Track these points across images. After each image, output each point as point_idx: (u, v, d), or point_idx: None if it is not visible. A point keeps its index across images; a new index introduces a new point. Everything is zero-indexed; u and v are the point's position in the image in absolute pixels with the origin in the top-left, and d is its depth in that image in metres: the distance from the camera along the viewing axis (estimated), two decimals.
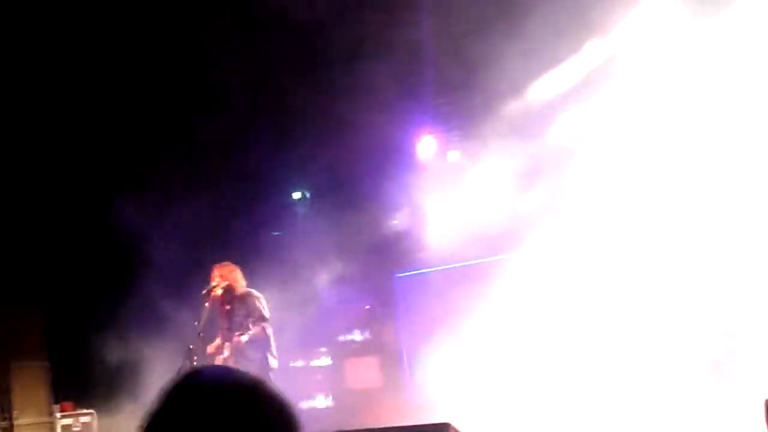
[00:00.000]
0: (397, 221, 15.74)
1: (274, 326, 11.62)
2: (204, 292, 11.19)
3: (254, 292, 11.51)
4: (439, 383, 14.50)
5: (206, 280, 11.44)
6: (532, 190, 14.00)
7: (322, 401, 15.85)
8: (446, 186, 16.41)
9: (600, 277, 13.22)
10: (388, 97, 15.07)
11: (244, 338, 11.04)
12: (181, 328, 12.17)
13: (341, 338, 15.97)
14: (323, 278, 16.13)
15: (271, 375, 11.12)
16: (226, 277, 11.40)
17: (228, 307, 11.41)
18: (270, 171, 16.30)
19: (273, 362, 11.38)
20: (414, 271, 15.27)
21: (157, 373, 13.02)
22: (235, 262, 11.72)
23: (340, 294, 16.38)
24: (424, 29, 13.92)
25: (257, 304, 11.36)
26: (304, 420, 2.48)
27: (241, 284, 11.52)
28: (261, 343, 11.27)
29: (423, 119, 16.10)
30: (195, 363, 10.90)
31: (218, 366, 2.58)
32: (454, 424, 7.90)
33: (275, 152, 15.91)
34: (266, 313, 11.37)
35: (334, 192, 16.83)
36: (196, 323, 10.99)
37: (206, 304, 11.14)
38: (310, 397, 15.85)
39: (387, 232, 15.88)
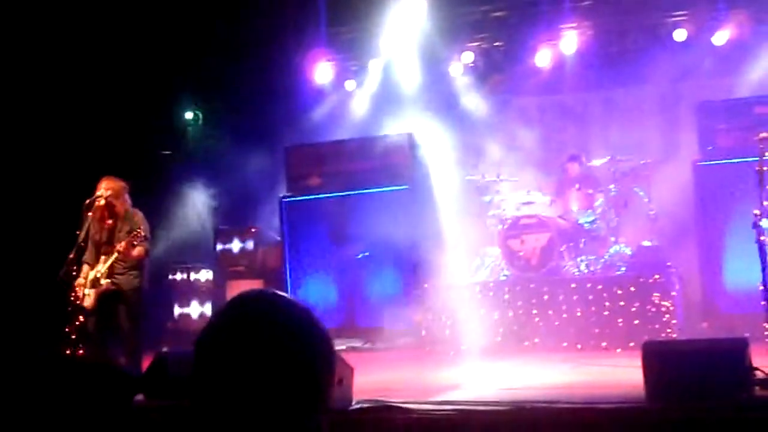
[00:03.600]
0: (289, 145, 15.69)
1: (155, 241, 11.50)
2: (87, 201, 10.91)
3: (139, 211, 11.26)
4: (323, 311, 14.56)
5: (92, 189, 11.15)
6: None
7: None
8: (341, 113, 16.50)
9: None
10: (285, 20, 15.05)
11: (135, 252, 10.81)
12: None
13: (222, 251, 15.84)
14: (206, 198, 16.14)
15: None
16: (113, 190, 11.12)
17: (111, 221, 11.12)
18: (164, 88, 16.12)
19: (145, 283, 11.18)
20: (302, 196, 15.16)
21: None
22: (121, 177, 11.44)
23: (226, 215, 16.37)
24: None
25: (141, 223, 11.11)
26: None
27: (126, 201, 11.26)
28: (140, 261, 11.06)
29: (320, 45, 16.10)
30: (74, 273, 10.73)
31: (269, 292, 2.54)
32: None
33: (170, 70, 15.75)
34: (148, 234, 11.13)
35: (228, 114, 16.70)
36: (77, 232, 10.77)
37: (89, 214, 10.89)
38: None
39: (278, 156, 15.86)
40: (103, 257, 10.90)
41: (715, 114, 13.29)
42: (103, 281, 10.79)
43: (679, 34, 14.65)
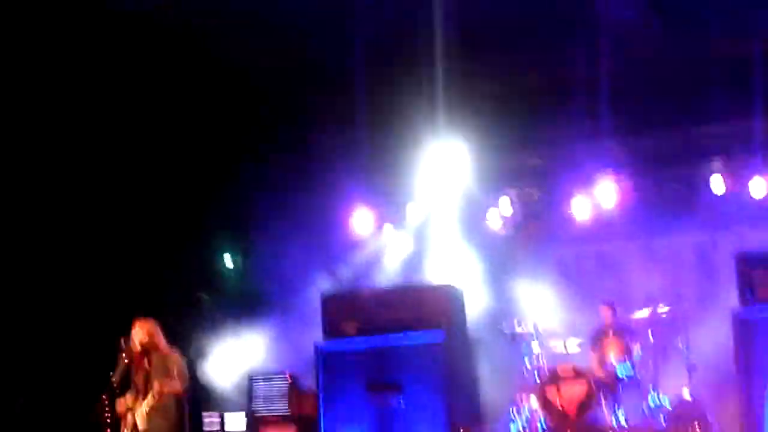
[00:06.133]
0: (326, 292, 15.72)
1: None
2: (122, 344, 10.94)
3: (175, 351, 11.28)
4: None
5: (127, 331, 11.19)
6: None
7: None
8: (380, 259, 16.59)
9: None
10: (324, 168, 15.30)
11: (167, 388, 10.79)
12: None
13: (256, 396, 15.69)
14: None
15: None
16: (148, 333, 11.15)
17: (148, 366, 11.13)
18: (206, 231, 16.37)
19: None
20: (339, 344, 15.06)
21: None
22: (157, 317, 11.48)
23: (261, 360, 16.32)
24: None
25: (176, 362, 11.12)
26: None
27: (162, 340, 11.28)
28: (177, 401, 11.04)
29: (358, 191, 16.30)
30: (107, 416, 10.73)
31: None
32: None
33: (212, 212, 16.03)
34: (184, 371, 11.13)
35: (267, 259, 16.77)
36: (111, 374, 10.79)
37: (123, 356, 10.91)
38: None
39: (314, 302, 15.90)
40: (141, 399, 10.92)
41: (754, 264, 13.16)
42: (140, 425, 10.81)
43: (717, 185, 14.68)
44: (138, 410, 10.88)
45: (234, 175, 15.75)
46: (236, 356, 16.43)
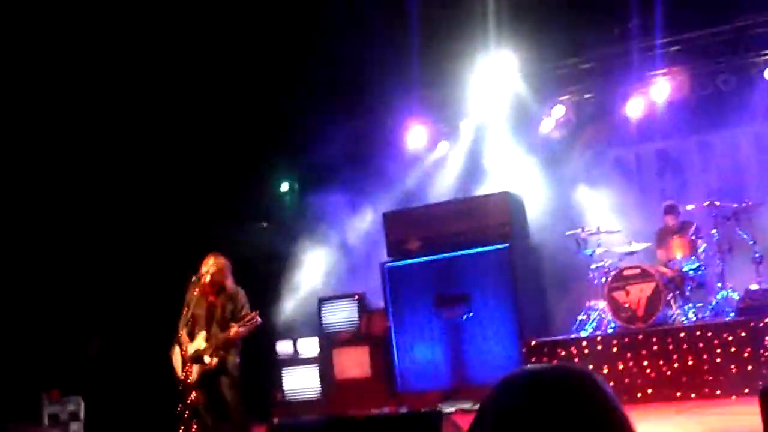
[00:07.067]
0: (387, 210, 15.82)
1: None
2: (193, 278, 11.06)
3: (241, 290, 11.37)
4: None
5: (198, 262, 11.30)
6: None
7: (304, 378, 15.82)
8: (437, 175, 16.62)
9: None
10: (375, 86, 15.28)
11: (240, 330, 10.93)
12: None
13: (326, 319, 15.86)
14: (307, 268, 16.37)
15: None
16: (218, 267, 11.25)
17: (213, 298, 11.23)
18: (260, 159, 16.45)
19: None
20: (404, 261, 15.19)
21: None
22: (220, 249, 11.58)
23: (329, 283, 16.48)
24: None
25: (245, 304, 11.23)
26: None
27: (231, 279, 11.38)
28: (239, 341, 11.19)
29: (412, 109, 16.27)
30: (182, 350, 10.88)
31: (545, 366, 2.61)
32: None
33: (265, 141, 16.09)
34: (250, 313, 11.23)
35: (324, 183, 16.82)
36: (185, 310, 10.94)
37: (195, 291, 11.05)
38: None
39: (377, 221, 16.02)
40: (203, 333, 11.01)
41: None
42: (207, 359, 10.91)
43: None
44: (198, 340, 11.00)
45: (288, 99, 15.75)
46: (304, 281, 16.59)
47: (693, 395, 12.21)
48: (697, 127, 15.32)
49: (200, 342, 10.97)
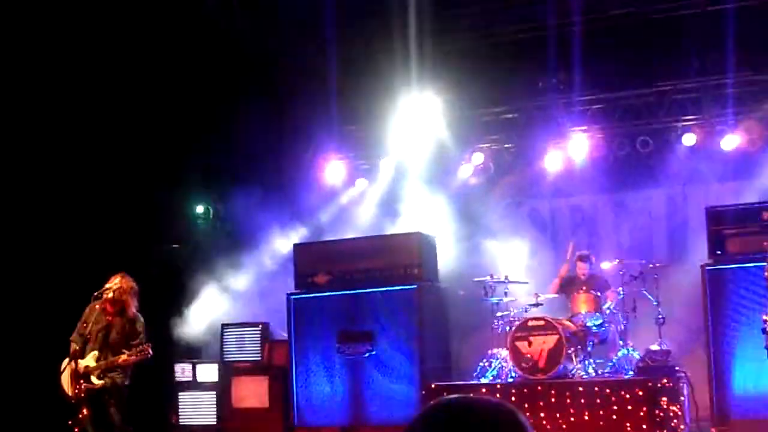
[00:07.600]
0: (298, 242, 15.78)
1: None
2: (96, 294, 10.92)
3: (141, 317, 11.27)
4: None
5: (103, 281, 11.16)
6: None
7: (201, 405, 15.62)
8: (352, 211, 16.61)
9: None
10: (297, 119, 15.28)
11: (130, 359, 10.87)
12: None
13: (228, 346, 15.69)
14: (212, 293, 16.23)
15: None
16: (124, 288, 11.11)
17: (111, 318, 11.11)
18: (176, 181, 16.30)
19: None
20: (310, 294, 15.11)
21: None
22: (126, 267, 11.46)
23: (233, 310, 16.33)
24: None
25: (142, 331, 11.15)
26: None
27: (135, 304, 11.26)
28: (130, 366, 11.13)
29: (332, 144, 16.28)
30: (75, 365, 10.75)
31: (463, 397, 2.75)
32: None
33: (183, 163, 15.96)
34: (145, 341, 11.13)
35: (239, 210, 16.73)
36: (83, 324, 10.84)
37: (96, 307, 10.93)
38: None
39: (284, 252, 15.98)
40: (95, 353, 10.92)
41: (724, 219, 13.24)
42: (94, 379, 10.85)
43: (688, 139, 14.79)
44: (88, 359, 10.90)
45: (207, 127, 15.69)
46: (209, 306, 16.42)
47: None
48: (613, 185, 15.55)
49: (90, 361, 10.92)
